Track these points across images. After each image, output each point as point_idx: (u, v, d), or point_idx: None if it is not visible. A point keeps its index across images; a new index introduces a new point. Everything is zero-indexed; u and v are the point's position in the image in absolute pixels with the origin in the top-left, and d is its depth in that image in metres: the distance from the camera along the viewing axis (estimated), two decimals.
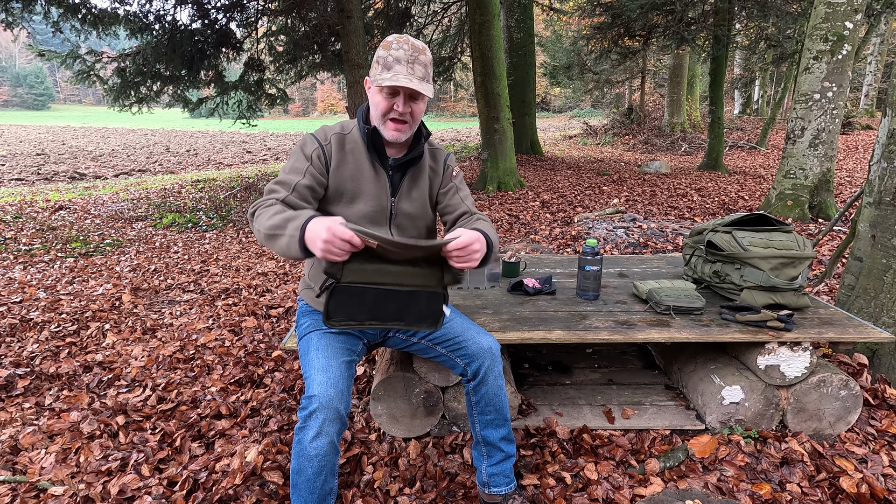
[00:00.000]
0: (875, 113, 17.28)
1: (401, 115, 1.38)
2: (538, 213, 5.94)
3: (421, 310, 1.35)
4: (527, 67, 11.36)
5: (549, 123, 29.49)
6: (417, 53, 1.35)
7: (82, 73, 7.19)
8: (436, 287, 1.35)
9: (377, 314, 1.33)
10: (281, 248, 1.23)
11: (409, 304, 1.34)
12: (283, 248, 1.22)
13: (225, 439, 1.91)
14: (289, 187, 1.38)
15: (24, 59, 68.35)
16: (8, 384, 2.31)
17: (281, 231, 1.22)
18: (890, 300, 2.08)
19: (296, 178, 1.40)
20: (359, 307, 1.30)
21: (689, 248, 2.22)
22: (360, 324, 1.33)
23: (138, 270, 4.19)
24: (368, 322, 1.34)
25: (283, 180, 1.40)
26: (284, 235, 1.21)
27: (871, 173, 2.29)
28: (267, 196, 1.37)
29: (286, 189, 1.38)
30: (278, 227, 1.23)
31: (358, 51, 6.20)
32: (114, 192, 8.48)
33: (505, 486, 1.52)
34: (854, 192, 5.95)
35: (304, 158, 1.42)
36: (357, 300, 1.29)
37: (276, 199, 1.35)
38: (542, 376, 2.24)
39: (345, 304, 1.29)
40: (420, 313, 1.36)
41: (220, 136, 24.98)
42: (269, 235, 1.25)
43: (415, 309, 1.35)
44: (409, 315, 1.35)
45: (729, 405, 1.81)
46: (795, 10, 8.67)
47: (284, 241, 1.21)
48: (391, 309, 1.33)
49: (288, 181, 1.39)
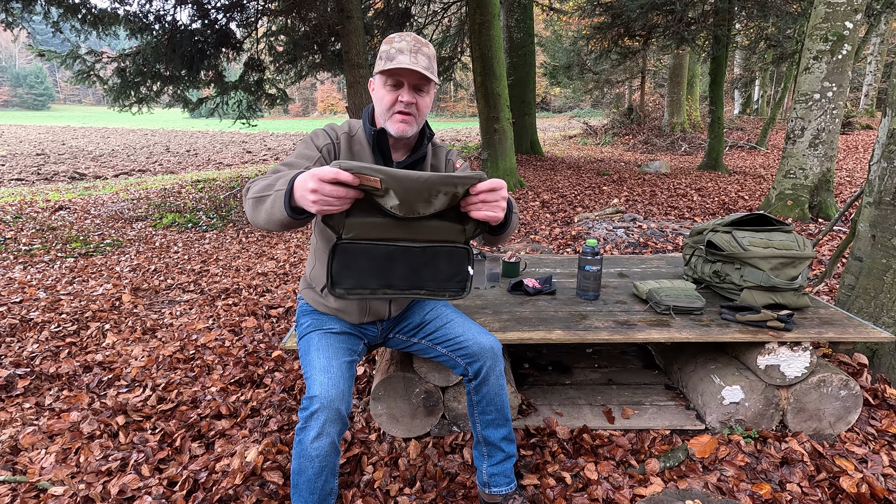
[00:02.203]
0: (875, 113, 17.28)
1: (406, 106, 1.33)
2: (538, 213, 5.94)
3: (441, 272, 1.17)
4: (527, 67, 11.36)
5: (549, 123, 29.48)
6: (420, 45, 1.32)
7: (82, 73, 7.19)
8: (457, 240, 1.16)
9: (390, 279, 1.16)
10: (266, 209, 1.10)
11: (426, 266, 1.16)
12: (267, 209, 1.09)
13: (225, 439, 1.91)
14: (297, 169, 1.27)
15: (24, 59, 68.37)
16: (8, 384, 2.31)
17: (268, 191, 1.10)
18: (890, 300, 2.08)
19: (305, 163, 1.32)
20: (367, 270, 1.14)
21: (689, 248, 2.22)
22: (373, 292, 1.16)
23: (138, 270, 4.19)
24: (382, 290, 1.17)
25: (291, 163, 1.31)
26: (271, 195, 1.09)
27: (871, 173, 2.29)
28: (268, 174, 1.25)
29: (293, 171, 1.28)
30: (267, 188, 1.12)
31: (358, 51, 6.20)
32: (114, 192, 8.48)
33: (505, 485, 1.52)
34: (854, 192, 5.95)
35: (315, 148, 1.37)
36: (364, 261, 1.13)
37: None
38: (542, 376, 2.24)
39: (350, 266, 1.12)
40: (441, 276, 1.17)
41: (220, 136, 24.98)
42: (257, 199, 1.13)
43: (434, 271, 1.16)
44: (429, 280, 1.17)
45: (729, 405, 1.81)
46: (795, 10, 8.67)
47: (269, 200, 1.08)
48: (405, 271, 1.15)
49: (296, 164, 1.30)
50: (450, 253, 1.17)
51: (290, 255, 4.61)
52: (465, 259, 1.18)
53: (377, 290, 1.17)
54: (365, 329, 1.53)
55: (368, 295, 1.17)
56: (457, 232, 1.15)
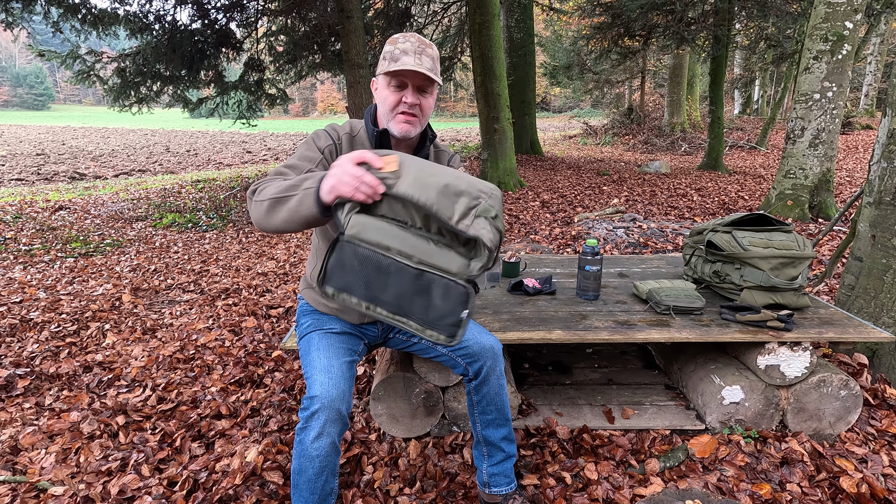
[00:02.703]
0: (875, 113, 17.28)
1: (410, 107, 1.34)
2: (538, 213, 5.94)
3: (434, 307, 1.08)
4: (527, 67, 11.36)
5: (549, 123, 29.48)
6: (424, 46, 1.33)
7: (82, 73, 7.19)
8: (457, 274, 1.06)
9: (376, 294, 1.10)
10: (289, 209, 1.13)
11: (419, 295, 1.08)
12: (291, 208, 1.13)
13: (225, 439, 1.91)
14: (299, 172, 1.32)
15: (24, 59, 68.37)
16: (8, 384, 2.31)
17: (292, 191, 1.14)
18: (890, 300, 2.08)
19: (307, 165, 1.35)
20: (358, 277, 1.09)
21: (689, 248, 2.22)
22: (359, 303, 1.10)
23: (138, 270, 4.19)
24: (367, 303, 1.12)
25: (294, 165, 1.34)
26: (296, 194, 1.12)
27: (871, 173, 2.29)
28: (273, 176, 1.28)
29: (296, 173, 1.31)
30: (289, 189, 1.14)
31: (358, 51, 6.20)
32: (114, 192, 8.48)
33: (505, 485, 1.52)
34: (854, 192, 5.95)
35: (317, 150, 1.38)
36: (357, 266, 1.09)
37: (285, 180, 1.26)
38: (542, 376, 2.24)
39: (343, 266, 1.09)
40: (433, 312, 1.08)
41: (220, 136, 24.98)
42: (276, 200, 1.15)
43: (426, 303, 1.08)
44: (419, 311, 1.09)
45: (729, 405, 1.81)
46: (795, 10, 8.67)
47: (295, 199, 1.12)
48: (396, 292, 1.09)
49: (299, 166, 1.33)
50: (446, 287, 1.08)
51: (290, 255, 4.61)
52: (463, 300, 1.08)
53: (363, 301, 1.13)
54: (365, 329, 1.53)
55: (354, 304, 1.13)
56: (459, 264, 1.06)
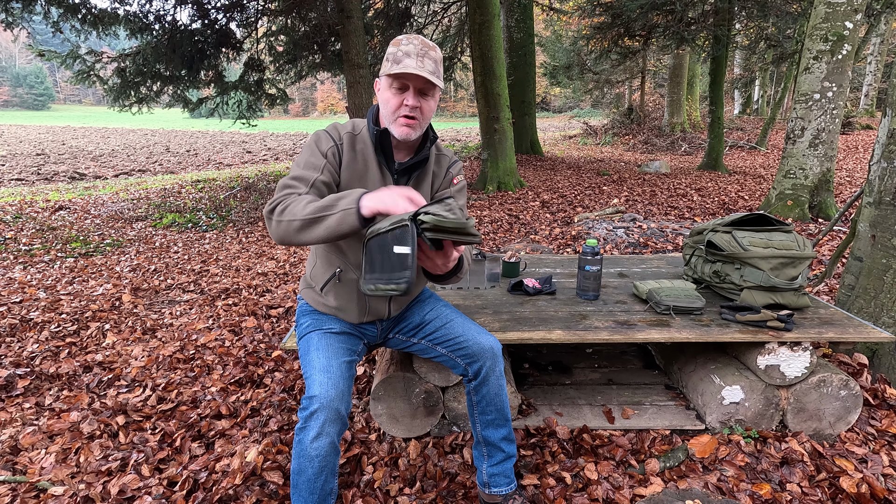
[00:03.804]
0: (875, 113, 17.28)
1: (411, 109, 1.34)
2: (538, 213, 5.94)
3: (386, 252, 1.11)
4: (527, 67, 11.36)
5: (549, 123, 29.49)
6: (427, 49, 1.33)
7: (82, 73, 7.19)
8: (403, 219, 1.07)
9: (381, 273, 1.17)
10: (327, 227, 1.18)
11: (379, 248, 1.15)
12: (330, 226, 1.18)
13: (225, 439, 1.91)
14: (307, 183, 1.34)
15: (24, 59, 68.38)
16: (8, 384, 2.31)
17: (329, 211, 1.19)
18: (890, 300, 2.08)
19: (314, 174, 1.36)
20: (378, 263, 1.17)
21: (689, 248, 2.22)
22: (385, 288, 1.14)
23: (138, 270, 4.19)
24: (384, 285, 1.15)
25: (301, 176, 1.35)
26: (334, 213, 1.18)
27: (871, 173, 2.29)
28: (284, 192, 1.31)
29: (304, 185, 1.33)
30: (325, 209, 1.19)
31: (358, 51, 6.21)
32: (114, 192, 8.48)
33: (505, 486, 1.52)
34: (854, 192, 5.95)
35: (320, 155, 1.39)
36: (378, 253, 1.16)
37: (298, 194, 1.31)
38: (542, 376, 2.24)
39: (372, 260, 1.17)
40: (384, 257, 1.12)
41: (220, 136, 24.98)
42: (311, 220, 1.20)
43: (382, 254, 1.13)
44: (375, 263, 1.16)
45: (729, 405, 1.81)
46: (795, 10, 8.67)
47: (335, 217, 1.17)
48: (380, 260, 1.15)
49: (306, 177, 1.35)
50: (398, 233, 1.08)
51: (290, 255, 4.61)
52: (406, 235, 1.06)
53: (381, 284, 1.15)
54: (365, 329, 1.53)
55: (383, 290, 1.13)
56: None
